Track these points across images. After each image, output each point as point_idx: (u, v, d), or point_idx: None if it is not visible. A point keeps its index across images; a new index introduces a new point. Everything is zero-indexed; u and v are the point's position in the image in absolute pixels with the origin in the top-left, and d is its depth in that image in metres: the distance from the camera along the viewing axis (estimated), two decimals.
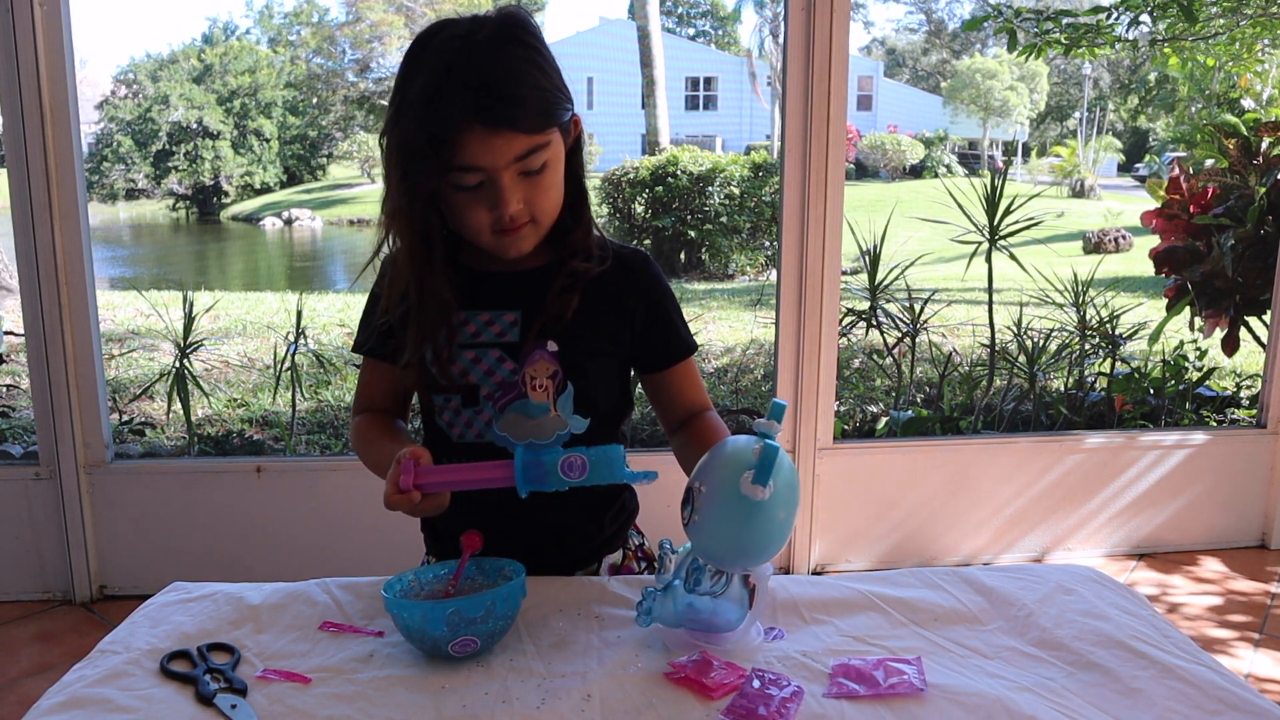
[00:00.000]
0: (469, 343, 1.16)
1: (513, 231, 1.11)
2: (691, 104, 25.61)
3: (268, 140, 23.86)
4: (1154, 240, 3.91)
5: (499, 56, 1.05)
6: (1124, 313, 3.68)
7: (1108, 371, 3.54)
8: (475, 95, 1.02)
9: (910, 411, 3.37)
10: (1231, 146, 3.63)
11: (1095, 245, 11.66)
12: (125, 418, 3.65)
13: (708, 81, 25.90)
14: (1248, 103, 5.33)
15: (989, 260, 3.30)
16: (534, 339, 1.16)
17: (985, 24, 5.10)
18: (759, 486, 0.90)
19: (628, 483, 1.00)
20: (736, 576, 0.97)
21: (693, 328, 1.32)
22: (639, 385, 1.32)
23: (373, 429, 1.22)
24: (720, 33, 31.89)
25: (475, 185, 1.07)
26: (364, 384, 1.27)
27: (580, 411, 1.17)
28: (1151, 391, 3.40)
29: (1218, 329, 3.63)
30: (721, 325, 6.17)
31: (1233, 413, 3.46)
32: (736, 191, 9.31)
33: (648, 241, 9.32)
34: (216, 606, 1.07)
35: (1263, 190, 3.48)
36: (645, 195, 9.40)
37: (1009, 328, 3.52)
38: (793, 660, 0.95)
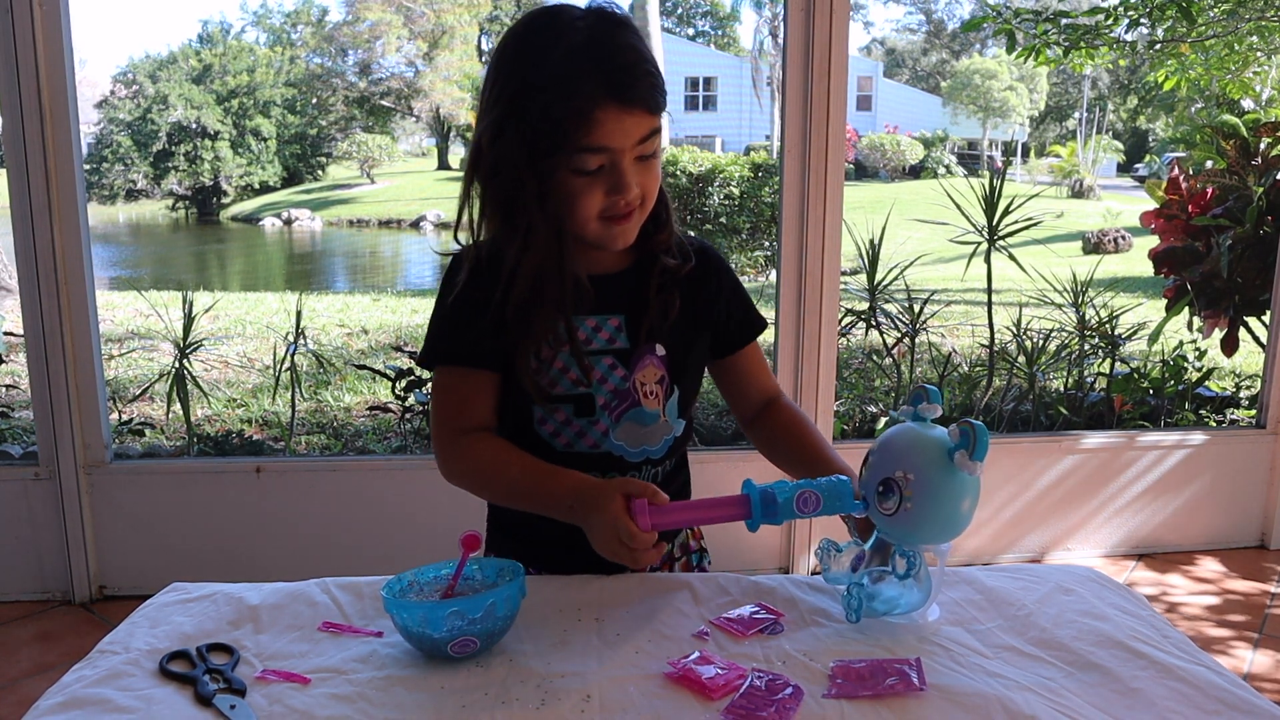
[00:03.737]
0: (582, 350, 1.14)
1: (624, 219, 1.09)
2: (691, 104, 25.61)
3: (266, 140, 23.85)
4: (1153, 241, 3.92)
5: (623, 38, 1.04)
6: (1123, 313, 3.68)
7: (1107, 372, 3.54)
8: (610, 74, 1.01)
9: None
10: (1230, 147, 3.63)
11: (1094, 245, 11.67)
12: (125, 418, 3.64)
13: (707, 82, 25.90)
14: (1247, 103, 5.34)
15: (988, 260, 3.30)
16: (642, 343, 1.14)
17: (984, 25, 5.11)
18: (977, 463, 0.93)
19: (852, 514, 1.00)
20: (922, 556, 1.00)
21: None
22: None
23: (509, 454, 1.12)
24: (720, 33, 31.89)
25: (595, 169, 1.05)
26: (461, 399, 1.14)
27: (680, 413, 1.17)
28: (1151, 392, 3.40)
29: (1217, 329, 3.64)
30: None
31: (1232, 413, 3.46)
32: (736, 192, 9.31)
33: None
34: (216, 607, 1.07)
35: (1261, 191, 3.48)
36: None
37: (1008, 328, 3.52)
38: (793, 660, 0.95)
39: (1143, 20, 5.08)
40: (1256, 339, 3.55)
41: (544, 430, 1.16)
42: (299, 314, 3.37)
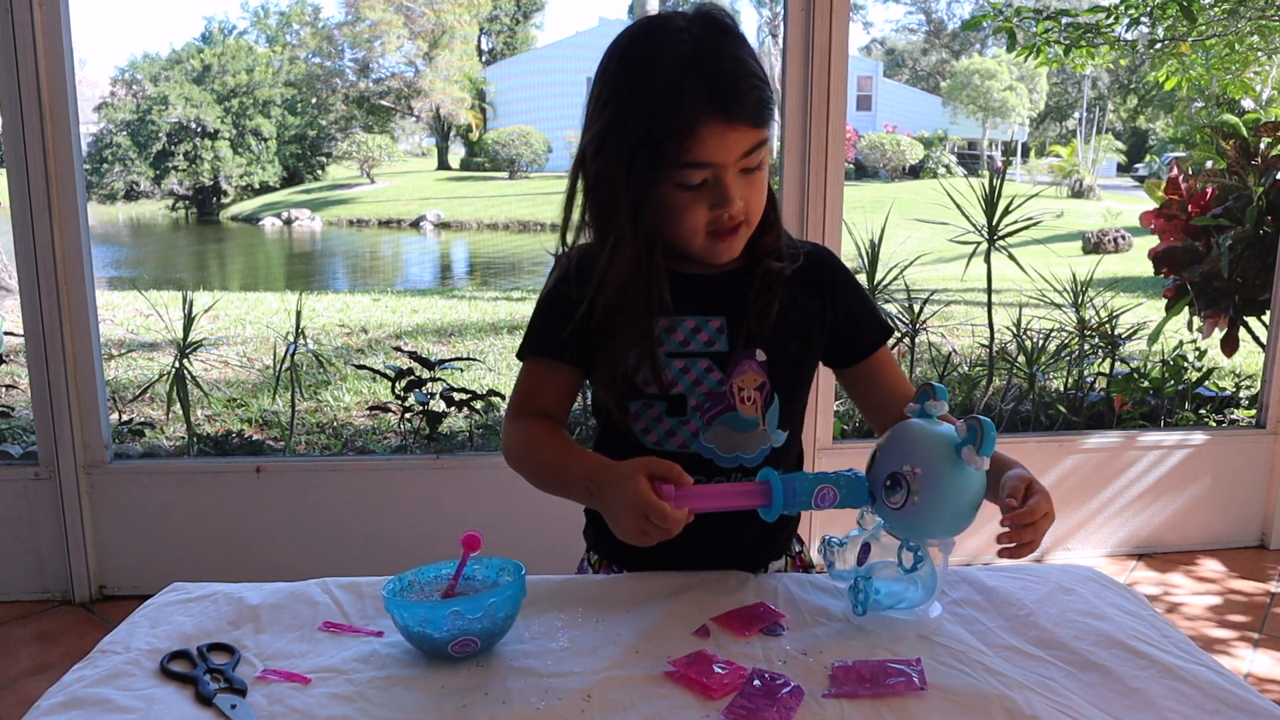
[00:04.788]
0: (678, 351, 1.12)
1: (729, 234, 1.08)
2: None
3: (266, 140, 23.84)
4: (1153, 240, 3.92)
5: (729, 49, 1.03)
6: (1123, 313, 3.68)
7: (1107, 372, 3.54)
8: (713, 88, 1.00)
9: None
10: (1230, 147, 3.63)
11: (1094, 245, 11.67)
12: (125, 418, 3.64)
13: None
14: (1247, 103, 5.34)
15: (988, 260, 3.30)
16: (742, 347, 1.13)
17: (984, 24, 5.11)
18: (984, 458, 0.95)
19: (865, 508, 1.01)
20: (927, 551, 1.00)
21: None
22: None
23: (550, 436, 1.14)
24: None
25: (699, 184, 1.04)
26: (532, 387, 1.18)
27: (782, 424, 1.15)
28: (1151, 392, 3.40)
29: (1217, 329, 3.64)
30: None
31: (1232, 413, 3.46)
32: None
33: None
34: (216, 606, 1.07)
35: (1261, 191, 3.48)
36: None
37: (1008, 328, 3.52)
38: (793, 660, 0.95)
39: (1143, 19, 5.09)
40: (1256, 339, 3.55)
41: (636, 426, 1.16)
42: (299, 314, 3.37)
